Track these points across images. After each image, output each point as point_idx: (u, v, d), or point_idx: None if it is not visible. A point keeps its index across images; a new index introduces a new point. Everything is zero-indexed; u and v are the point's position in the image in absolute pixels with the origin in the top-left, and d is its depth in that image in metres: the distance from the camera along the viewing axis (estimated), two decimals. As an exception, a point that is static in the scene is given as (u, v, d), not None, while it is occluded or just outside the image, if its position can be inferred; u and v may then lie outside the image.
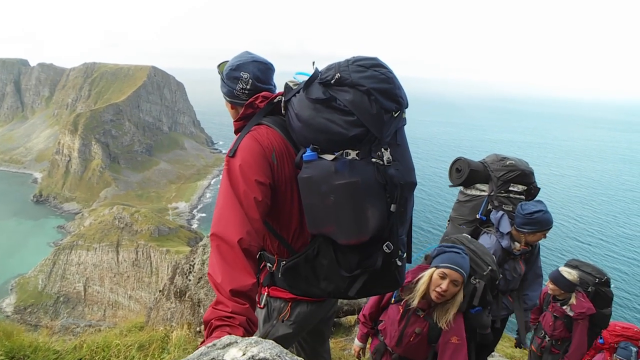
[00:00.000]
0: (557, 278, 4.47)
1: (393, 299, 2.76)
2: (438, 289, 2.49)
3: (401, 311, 2.68)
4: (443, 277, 2.49)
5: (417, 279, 2.62)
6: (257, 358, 1.11)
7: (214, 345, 1.18)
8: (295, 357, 1.20)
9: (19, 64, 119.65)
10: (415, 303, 2.58)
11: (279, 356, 1.14)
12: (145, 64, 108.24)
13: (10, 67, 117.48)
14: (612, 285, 4.73)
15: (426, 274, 2.56)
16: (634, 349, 4.60)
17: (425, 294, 2.57)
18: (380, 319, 2.91)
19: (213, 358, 1.10)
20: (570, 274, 4.44)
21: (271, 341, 1.20)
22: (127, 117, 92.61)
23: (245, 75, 1.81)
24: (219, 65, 1.93)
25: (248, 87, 1.82)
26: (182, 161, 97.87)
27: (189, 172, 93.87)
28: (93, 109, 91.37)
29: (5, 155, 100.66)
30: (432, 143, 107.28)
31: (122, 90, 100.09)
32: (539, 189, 3.77)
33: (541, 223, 3.37)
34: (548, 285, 4.57)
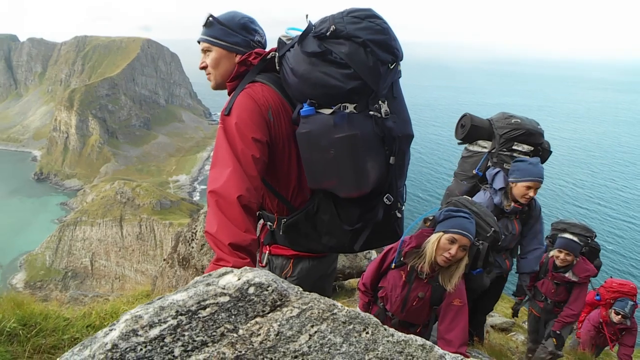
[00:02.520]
0: (570, 245, 4.32)
1: (394, 265, 2.74)
2: (447, 254, 2.46)
3: (404, 276, 2.67)
4: (452, 242, 2.46)
5: (423, 243, 2.59)
6: (252, 282, 1.09)
7: (210, 275, 1.18)
8: (291, 284, 1.19)
9: (8, 40, 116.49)
10: (426, 267, 2.56)
11: (274, 281, 1.12)
12: (137, 35, 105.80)
13: (0, 44, 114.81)
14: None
15: (433, 238, 2.53)
16: (630, 302, 4.72)
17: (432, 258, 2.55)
18: (380, 285, 2.89)
19: (208, 283, 1.10)
20: (577, 236, 4.36)
21: (267, 270, 1.18)
22: (123, 91, 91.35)
23: (261, 30, 1.84)
24: (212, 16, 1.74)
25: (263, 41, 1.84)
26: (180, 134, 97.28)
27: (188, 144, 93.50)
28: (88, 84, 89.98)
29: (2, 134, 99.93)
30: (431, 109, 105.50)
31: (116, 64, 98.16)
32: (551, 151, 3.61)
33: (522, 171, 3.27)
34: (556, 256, 4.42)
